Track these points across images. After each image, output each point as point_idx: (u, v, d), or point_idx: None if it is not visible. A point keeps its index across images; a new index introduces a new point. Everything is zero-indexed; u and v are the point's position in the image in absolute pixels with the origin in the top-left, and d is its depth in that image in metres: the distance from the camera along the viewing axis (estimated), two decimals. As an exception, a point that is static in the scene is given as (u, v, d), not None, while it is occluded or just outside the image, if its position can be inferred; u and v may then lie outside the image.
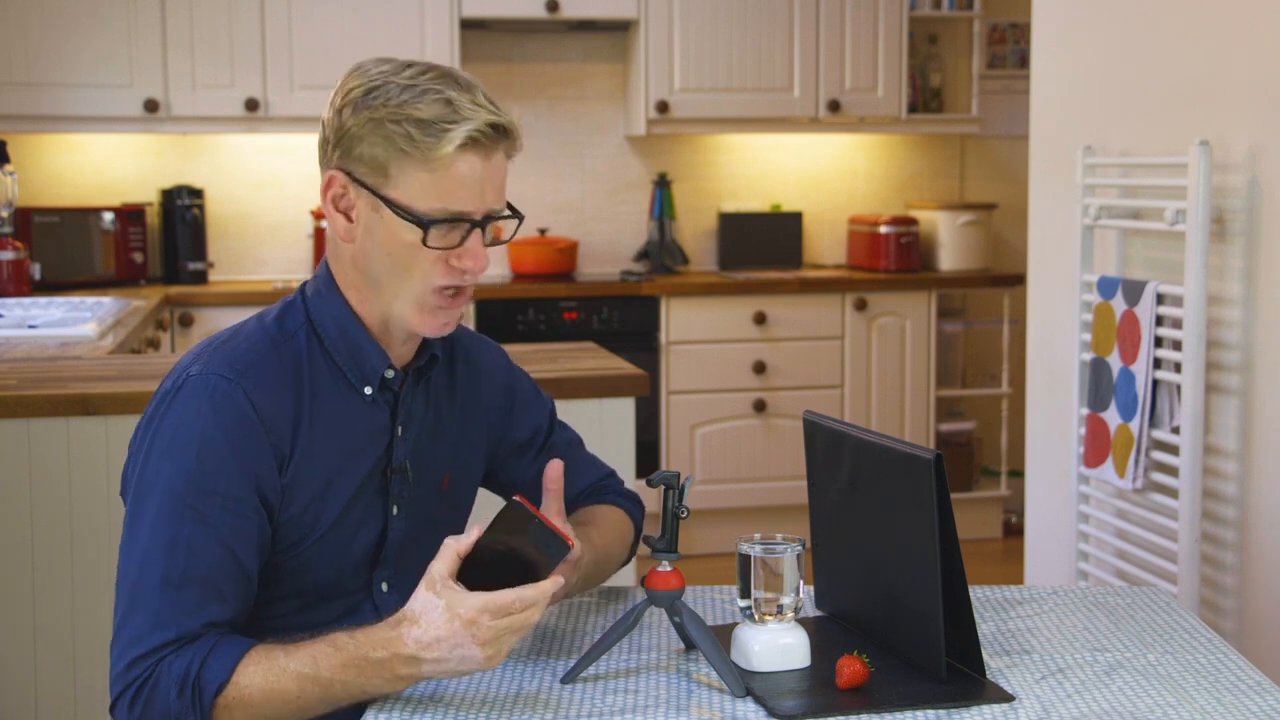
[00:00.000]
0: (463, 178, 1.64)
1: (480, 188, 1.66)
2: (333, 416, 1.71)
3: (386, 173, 1.64)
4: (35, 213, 4.94)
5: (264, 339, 1.71)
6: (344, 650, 1.56)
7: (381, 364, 1.74)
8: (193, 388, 1.64)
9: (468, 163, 1.64)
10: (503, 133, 1.66)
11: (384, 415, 1.76)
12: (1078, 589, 2.05)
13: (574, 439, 2.02)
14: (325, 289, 1.75)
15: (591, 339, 4.95)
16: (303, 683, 1.55)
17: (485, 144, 1.64)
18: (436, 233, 1.65)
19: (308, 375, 1.71)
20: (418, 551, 1.80)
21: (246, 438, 1.63)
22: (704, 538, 5.08)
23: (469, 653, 1.52)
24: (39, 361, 3.13)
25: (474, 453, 1.90)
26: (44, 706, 2.69)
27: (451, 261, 1.67)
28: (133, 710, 1.58)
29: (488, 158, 1.65)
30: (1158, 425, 3.02)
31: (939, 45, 5.78)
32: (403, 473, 1.77)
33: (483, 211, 1.67)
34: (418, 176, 1.63)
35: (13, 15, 4.86)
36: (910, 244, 5.45)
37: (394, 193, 1.64)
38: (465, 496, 1.91)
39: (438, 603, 1.53)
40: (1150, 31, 3.11)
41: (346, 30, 5.07)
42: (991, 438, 5.70)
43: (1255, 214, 2.78)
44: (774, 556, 1.67)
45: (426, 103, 1.63)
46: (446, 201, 1.64)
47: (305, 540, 1.70)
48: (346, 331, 1.73)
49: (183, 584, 1.59)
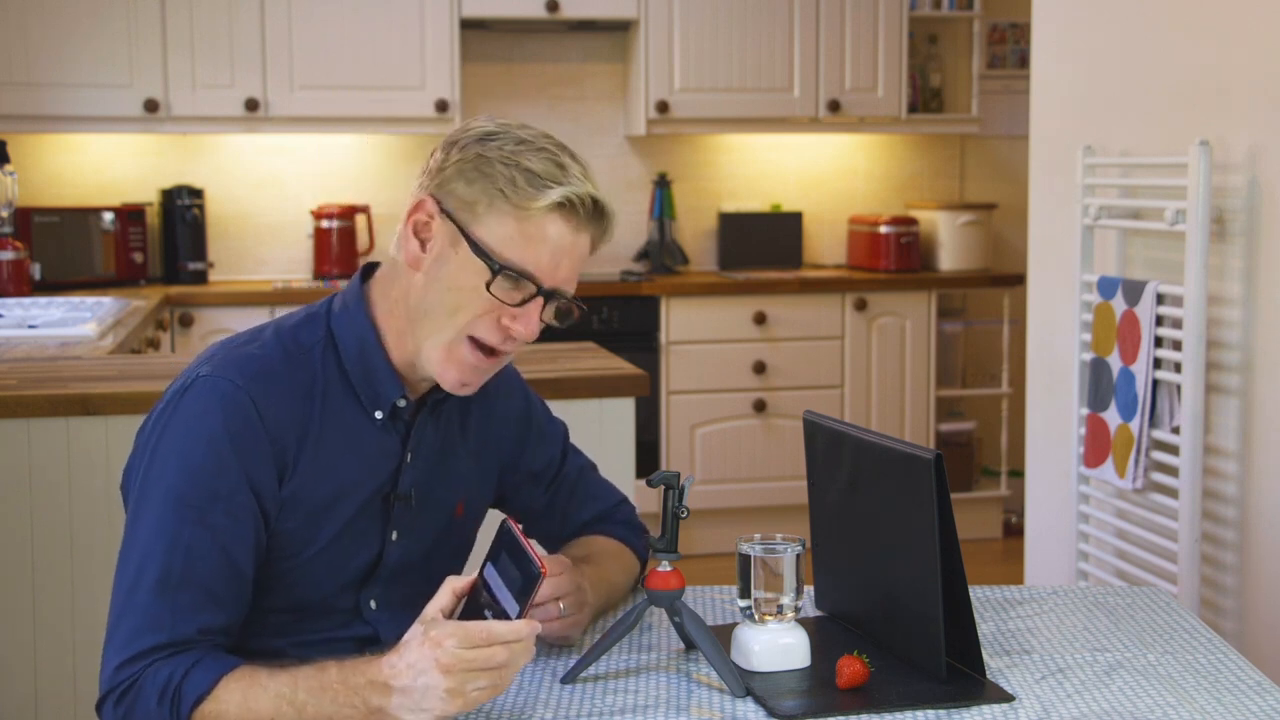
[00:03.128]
0: (548, 239, 1.63)
1: (559, 259, 1.64)
2: (341, 435, 1.70)
3: (476, 211, 1.64)
4: (35, 213, 4.94)
5: (278, 349, 1.69)
6: (325, 674, 1.53)
7: (395, 393, 1.72)
8: (201, 389, 1.64)
9: (557, 226, 1.63)
10: (600, 215, 1.65)
11: (393, 441, 1.74)
12: (1078, 589, 2.05)
13: (585, 464, 2.00)
14: (354, 307, 1.73)
15: (591, 339, 4.94)
16: (279, 703, 1.53)
17: (580, 216, 1.64)
18: (504, 281, 1.63)
19: (320, 391, 1.69)
20: (418, 575, 1.78)
21: (250, 443, 1.63)
22: (704, 538, 5.08)
23: (432, 681, 1.46)
24: (39, 361, 3.13)
25: (485, 481, 1.88)
26: (44, 706, 2.69)
27: (504, 320, 1.65)
28: (116, 711, 1.58)
29: (577, 232, 1.65)
30: (1158, 425, 3.02)
31: (939, 45, 5.78)
32: (406, 500, 1.75)
33: (553, 284, 1.65)
34: (506, 223, 1.63)
35: (13, 15, 4.86)
36: (910, 244, 5.45)
37: (479, 231, 1.64)
38: (474, 523, 1.90)
39: (418, 630, 1.51)
40: (1150, 31, 3.11)
41: (346, 30, 5.07)
42: (991, 438, 5.70)
43: (1255, 214, 2.78)
44: (774, 556, 1.67)
45: (540, 159, 1.64)
46: (524, 257, 1.63)
47: (300, 555, 1.69)
48: (366, 353, 1.71)
49: (180, 587, 1.58)
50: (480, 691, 1.48)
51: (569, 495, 1.95)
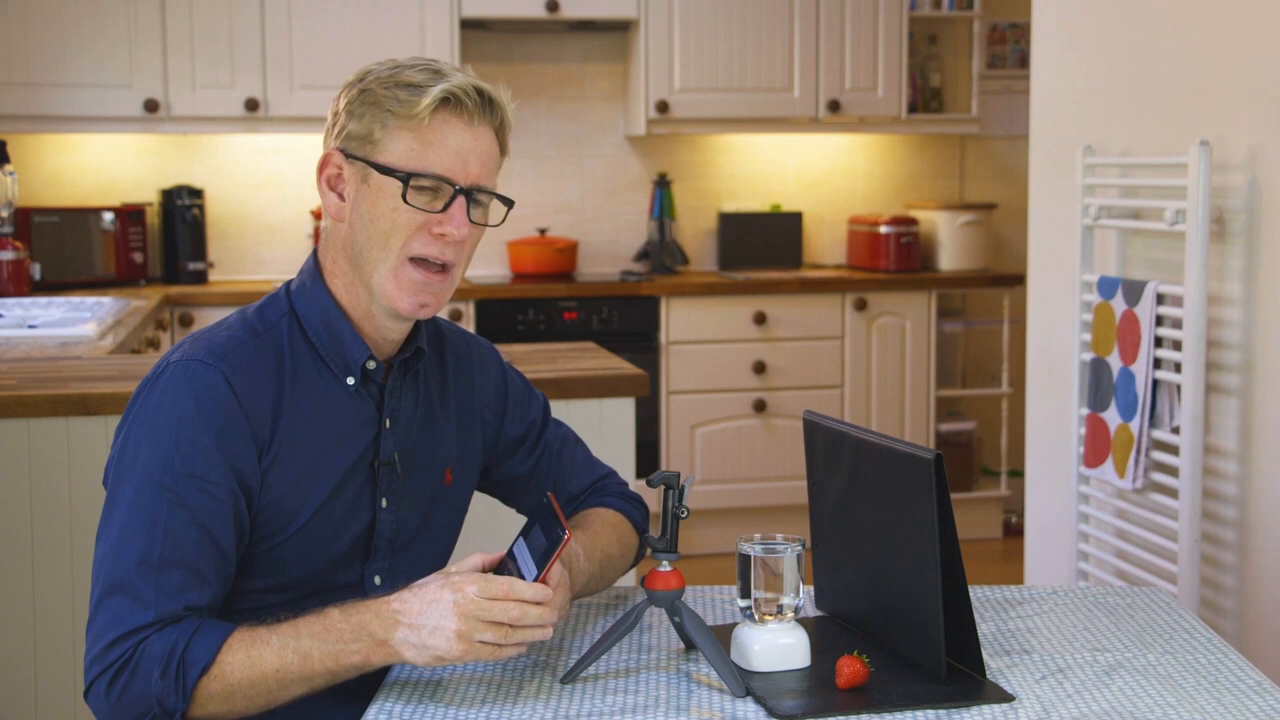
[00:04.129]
0: (444, 138, 1.66)
1: (463, 156, 1.68)
2: (315, 405, 1.72)
3: (374, 139, 1.68)
4: (35, 213, 4.94)
5: (244, 328, 1.72)
6: (328, 617, 1.58)
7: (362, 354, 1.74)
8: (173, 374, 1.66)
9: (449, 124, 1.67)
10: (487, 102, 1.68)
11: (369, 407, 1.76)
12: (1078, 589, 2.05)
13: (568, 436, 2.01)
14: (310, 281, 1.76)
15: (591, 339, 4.96)
16: (283, 654, 1.56)
17: (468, 109, 1.67)
18: (418, 192, 1.67)
19: (289, 364, 1.71)
20: (416, 547, 1.81)
21: (225, 421, 1.64)
22: (704, 538, 5.08)
23: (444, 621, 1.52)
24: (39, 361, 3.13)
25: (471, 448, 1.90)
26: (44, 706, 2.69)
27: (433, 228, 1.68)
28: (110, 692, 1.57)
29: (470, 125, 1.68)
30: (1158, 425, 3.02)
31: (939, 45, 5.78)
32: (391, 466, 1.77)
33: (467, 180, 1.68)
34: (403, 137, 1.67)
35: (13, 15, 4.86)
36: (910, 244, 5.45)
37: (381, 156, 1.68)
38: (464, 492, 1.91)
39: (438, 576, 1.57)
40: (1150, 31, 3.11)
41: (346, 30, 5.07)
42: (991, 438, 5.70)
43: (1255, 214, 2.78)
44: (774, 556, 1.67)
45: (415, 71, 1.68)
46: (428, 161, 1.66)
47: (287, 529, 1.70)
48: (329, 321, 1.74)
49: (161, 566, 1.59)
50: (485, 645, 1.54)
51: (555, 464, 1.97)
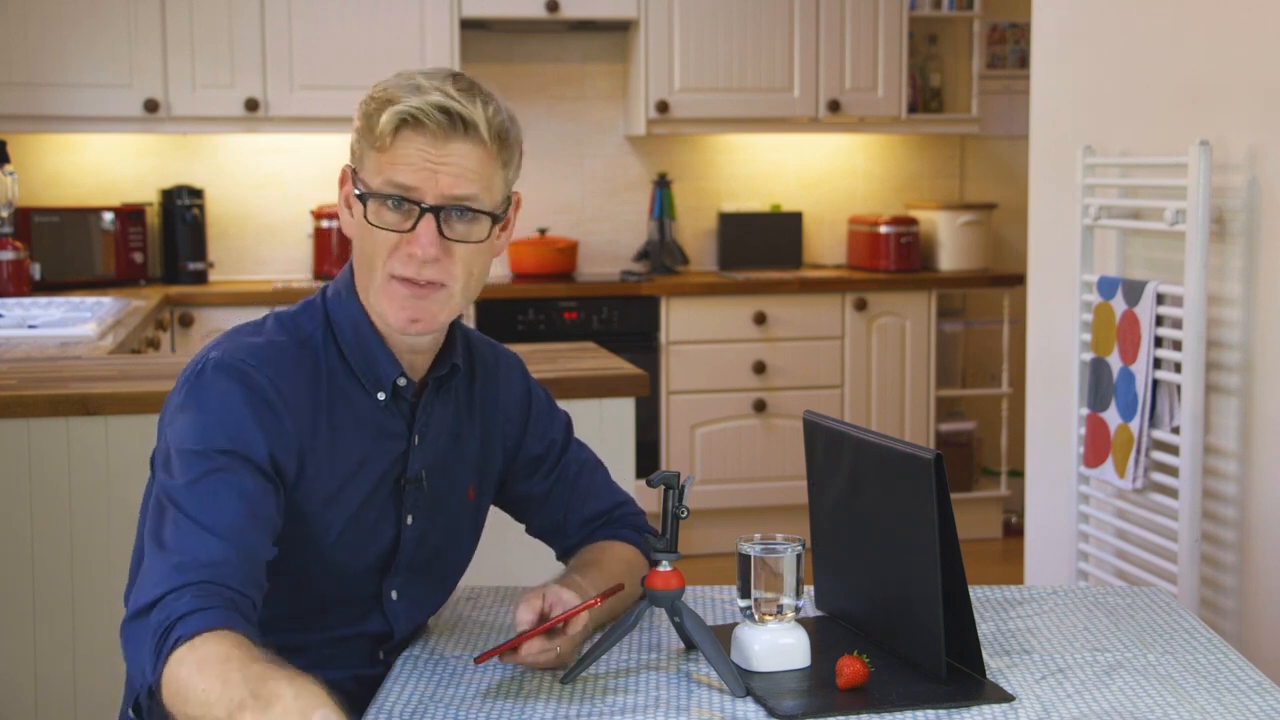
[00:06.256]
0: (407, 157, 1.61)
1: (430, 170, 1.61)
2: (348, 419, 1.69)
3: (359, 160, 1.67)
4: (35, 213, 4.94)
5: (282, 335, 1.69)
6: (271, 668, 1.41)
7: (393, 371, 1.71)
8: (216, 367, 1.63)
9: (411, 142, 1.61)
10: (457, 120, 1.61)
11: (399, 423, 1.73)
12: (1078, 589, 2.05)
13: (589, 460, 1.96)
14: (345, 291, 1.73)
15: (591, 339, 4.95)
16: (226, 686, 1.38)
17: (432, 127, 1.60)
18: (374, 206, 1.63)
19: (324, 375, 1.69)
20: (434, 561, 1.79)
21: (270, 418, 1.62)
22: (704, 538, 5.08)
23: None
24: (39, 361, 3.13)
25: (492, 462, 1.87)
26: (44, 706, 2.69)
27: (403, 248, 1.64)
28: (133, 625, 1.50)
29: (438, 143, 1.61)
30: (1158, 425, 3.02)
31: (939, 45, 5.78)
32: (418, 483, 1.75)
33: (437, 198, 1.62)
34: (372, 157, 1.64)
35: (13, 15, 4.86)
36: (910, 244, 5.45)
37: (361, 174, 1.66)
38: (484, 507, 1.89)
39: None
40: (1150, 31, 3.11)
41: (346, 30, 5.06)
42: (991, 438, 5.70)
43: (1255, 214, 2.78)
44: (774, 556, 1.67)
45: (400, 88, 1.63)
46: (384, 180, 1.62)
47: (319, 544, 1.68)
48: (361, 335, 1.71)
49: (206, 531, 1.53)
50: None
51: (571, 486, 1.92)
